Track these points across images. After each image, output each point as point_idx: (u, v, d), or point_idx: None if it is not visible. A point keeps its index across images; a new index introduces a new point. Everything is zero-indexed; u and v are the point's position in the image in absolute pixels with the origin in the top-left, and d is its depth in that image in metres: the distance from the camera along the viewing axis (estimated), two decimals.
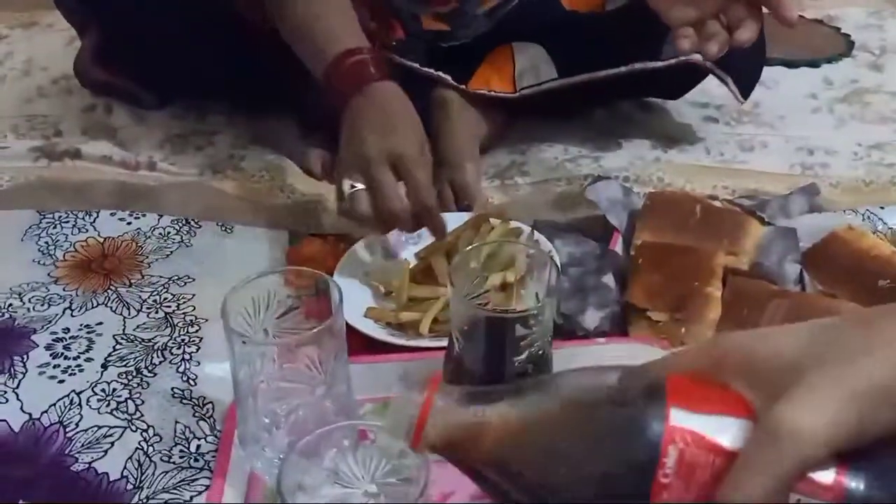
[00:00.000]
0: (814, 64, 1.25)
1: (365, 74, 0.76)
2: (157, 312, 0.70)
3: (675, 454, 0.33)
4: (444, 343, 0.60)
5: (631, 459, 0.34)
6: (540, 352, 0.57)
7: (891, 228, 0.83)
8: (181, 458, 0.58)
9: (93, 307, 0.70)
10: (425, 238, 0.80)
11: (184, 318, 0.70)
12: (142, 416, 0.61)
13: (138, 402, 0.62)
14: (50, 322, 0.68)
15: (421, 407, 0.38)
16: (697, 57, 0.93)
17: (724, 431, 0.34)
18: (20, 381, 0.63)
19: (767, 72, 1.19)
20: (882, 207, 0.86)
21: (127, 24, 0.88)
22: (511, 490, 0.37)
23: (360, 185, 0.73)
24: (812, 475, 0.32)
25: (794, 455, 0.31)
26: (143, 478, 0.56)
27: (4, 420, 0.60)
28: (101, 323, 0.69)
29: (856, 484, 0.32)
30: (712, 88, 1.06)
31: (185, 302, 0.72)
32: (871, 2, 1.49)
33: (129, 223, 0.82)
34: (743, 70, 0.98)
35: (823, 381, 0.32)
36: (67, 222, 0.81)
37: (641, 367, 0.38)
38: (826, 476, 0.32)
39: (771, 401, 0.33)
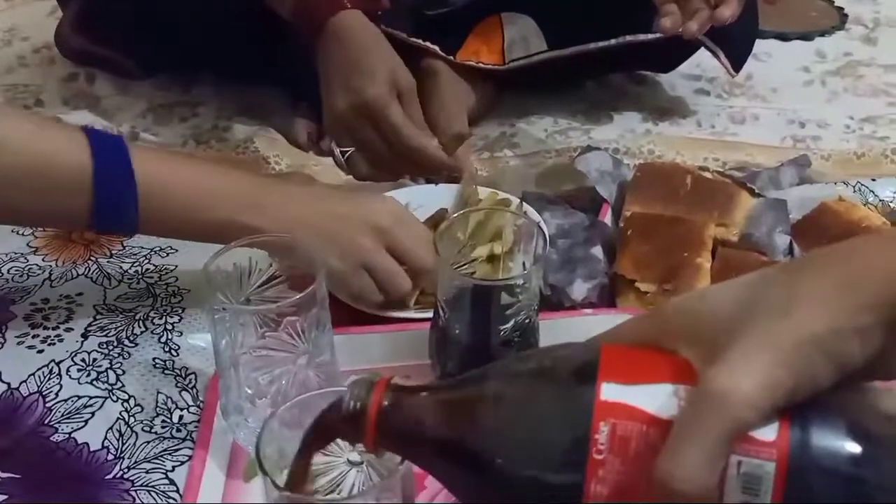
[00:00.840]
0: (807, 37, 1.24)
1: (333, 4, 0.74)
2: (138, 283, 0.69)
3: (606, 429, 0.32)
4: (430, 315, 0.59)
5: (565, 439, 0.33)
6: (526, 321, 0.56)
7: (882, 201, 0.83)
8: (163, 428, 0.57)
9: (73, 278, 0.69)
10: (414, 211, 0.79)
11: (166, 288, 0.69)
12: (123, 386, 0.60)
13: (119, 372, 0.61)
14: (29, 293, 0.67)
15: (370, 409, 0.37)
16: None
17: (658, 400, 0.33)
18: None
19: (760, 45, 1.18)
20: (873, 179, 0.85)
21: None
22: (459, 474, 0.37)
23: (350, 147, 0.71)
24: (753, 434, 0.31)
25: (728, 419, 0.30)
26: (123, 448, 0.56)
27: None
28: (81, 294, 0.67)
29: (803, 437, 0.31)
30: (705, 61, 1.05)
31: (167, 273, 0.71)
32: None
33: None
34: (735, 43, 0.97)
35: (753, 340, 0.31)
36: None
37: (587, 341, 0.38)
38: (768, 433, 0.31)
39: (710, 363, 0.32)
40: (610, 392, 0.33)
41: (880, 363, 0.32)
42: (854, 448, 0.31)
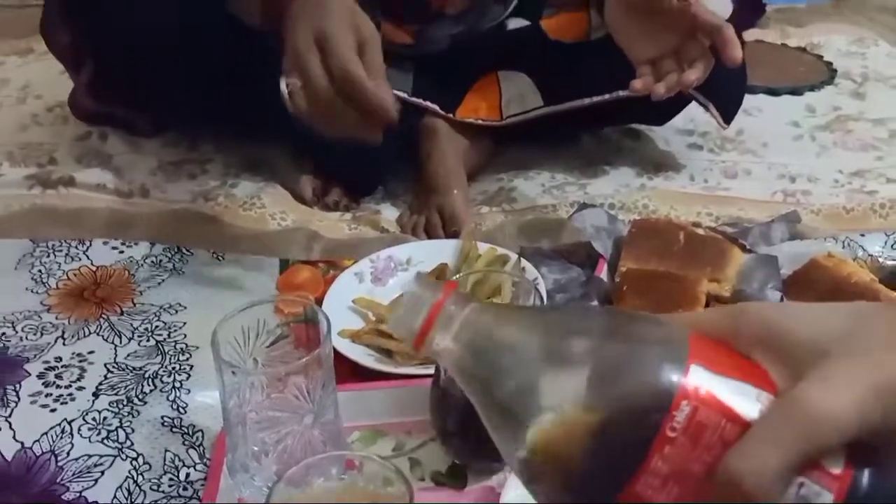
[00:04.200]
0: (796, 91, 1.27)
1: None
2: (148, 340, 0.71)
3: (687, 410, 0.32)
4: (431, 371, 0.61)
5: (638, 405, 0.33)
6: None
7: (871, 255, 0.85)
8: (170, 486, 0.59)
9: (85, 336, 0.71)
10: (415, 266, 0.81)
11: (175, 346, 0.71)
12: (132, 444, 0.61)
13: (128, 430, 0.62)
14: (42, 351, 0.69)
15: (430, 308, 0.35)
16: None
17: (742, 399, 0.32)
18: (13, 409, 0.64)
19: (751, 99, 1.22)
20: (862, 235, 0.88)
21: (123, 56, 0.89)
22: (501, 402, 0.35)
23: (298, 83, 0.69)
24: (822, 462, 0.31)
25: (812, 436, 0.31)
26: None
27: None
28: (92, 352, 0.70)
29: (862, 481, 0.32)
30: (698, 116, 1.08)
31: (176, 330, 0.73)
32: (853, 30, 1.53)
33: (121, 252, 0.83)
34: (725, 96, 1.00)
35: (850, 368, 0.31)
36: (60, 251, 0.82)
37: (662, 317, 0.36)
38: (835, 466, 0.31)
39: (791, 378, 0.32)
40: (698, 376, 0.33)
41: None
42: None
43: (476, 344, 0.36)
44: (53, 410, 0.63)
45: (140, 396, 0.66)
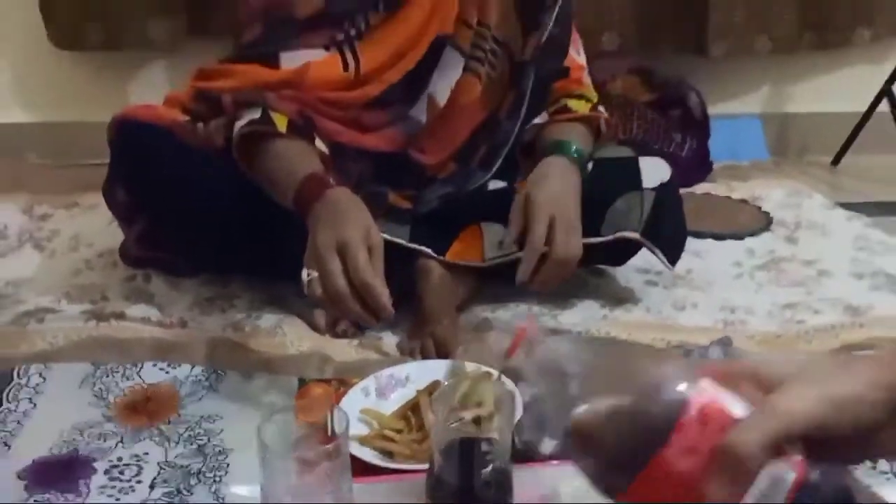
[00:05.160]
0: (738, 237, 1.47)
1: (323, 185, 0.94)
2: (192, 444, 0.86)
3: (698, 405, 0.47)
4: (426, 466, 0.76)
5: (661, 404, 0.48)
6: (502, 468, 0.73)
7: None
8: None
9: (140, 440, 0.86)
10: (413, 383, 0.96)
11: (214, 448, 0.85)
12: None
13: None
14: (106, 452, 0.84)
15: (517, 331, 0.55)
16: (633, 234, 1.15)
17: (735, 406, 0.47)
18: (85, 498, 0.77)
19: (699, 243, 1.42)
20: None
21: (172, 215, 1.09)
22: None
23: (315, 273, 0.87)
24: (788, 450, 0.46)
25: (783, 424, 0.46)
26: None
27: None
28: (147, 453, 0.84)
29: (813, 471, 0.46)
30: (653, 258, 1.25)
31: (214, 436, 0.87)
32: (790, 183, 1.76)
33: (167, 372, 0.98)
34: (669, 244, 1.18)
35: (807, 386, 0.48)
36: (117, 372, 0.97)
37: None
38: (796, 454, 0.46)
39: (770, 392, 0.47)
40: (706, 386, 0.48)
41: (879, 439, 0.48)
42: (843, 490, 0.47)
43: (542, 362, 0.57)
44: (118, 500, 0.77)
45: (187, 489, 0.79)
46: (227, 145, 1.03)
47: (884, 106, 1.84)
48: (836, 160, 1.93)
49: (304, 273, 0.87)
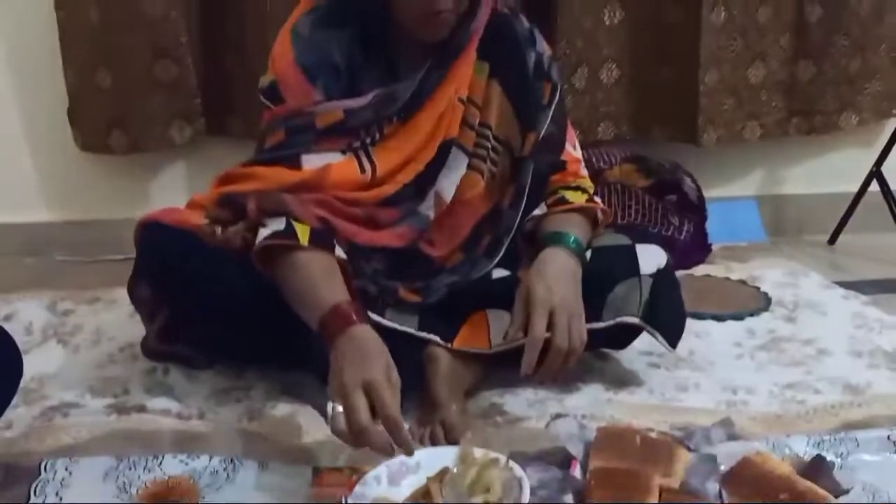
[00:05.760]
0: (738, 317, 1.51)
1: (347, 320, 0.99)
2: None
3: None
4: None
5: None
6: None
7: (795, 453, 1.04)
8: None
9: None
10: (423, 469, 0.99)
11: None
12: None
13: None
14: None
15: None
16: (633, 319, 1.19)
17: None
18: None
19: (700, 324, 1.46)
20: (788, 436, 1.07)
21: (192, 311, 1.14)
22: None
23: (340, 408, 0.91)
24: None
25: None
26: None
27: None
28: None
29: None
30: (655, 341, 1.29)
31: None
32: (788, 264, 1.81)
33: (186, 463, 1.02)
34: (668, 327, 1.23)
35: None
36: (139, 465, 1.01)
37: None
38: None
39: None
40: None
41: None
42: None
43: None
44: None
45: None
46: (245, 247, 1.09)
47: (875, 186, 1.90)
48: (833, 239, 1.99)
49: (330, 406, 0.92)
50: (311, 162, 1.13)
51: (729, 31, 1.87)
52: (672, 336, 1.24)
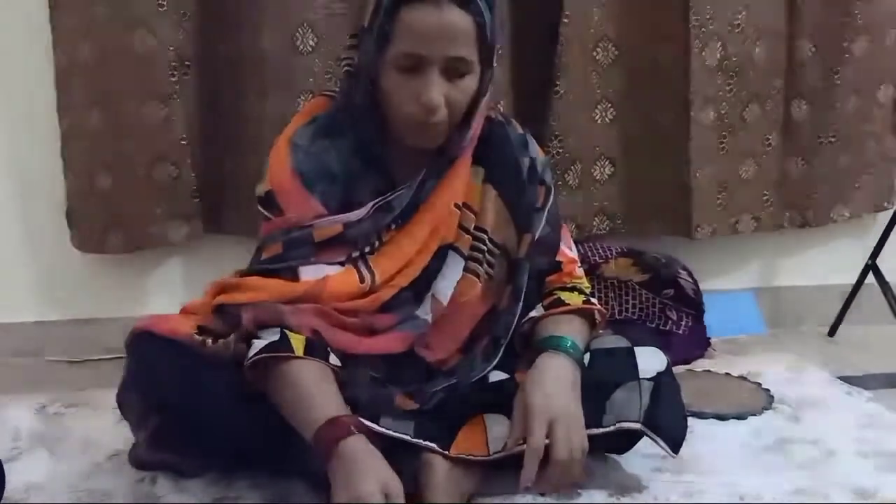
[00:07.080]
0: (741, 417, 1.48)
1: (341, 433, 0.99)
2: None
3: None
4: None
5: None
6: None
7: None
8: None
9: None
10: None
11: None
12: None
13: None
14: None
15: None
16: (634, 425, 1.17)
17: None
18: None
19: (704, 425, 1.42)
20: None
21: (183, 419, 1.11)
22: None
23: None
24: None
25: None
26: None
27: None
28: None
29: None
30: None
31: None
32: (788, 357, 1.79)
33: None
34: (668, 431, 1.19)
35: None
36: None
37: None
38: None
39: None
40: None
41: None
42: None
43: None
44: None
45: None
46: (236, 357, 1.08)
47: (871, 278, 1.90)
48: (832, 331, 1.98)
49: None
50: (309, 273, 1.13)
51: (718, 129, 1.91)
52: (674, 442, 1.21)
